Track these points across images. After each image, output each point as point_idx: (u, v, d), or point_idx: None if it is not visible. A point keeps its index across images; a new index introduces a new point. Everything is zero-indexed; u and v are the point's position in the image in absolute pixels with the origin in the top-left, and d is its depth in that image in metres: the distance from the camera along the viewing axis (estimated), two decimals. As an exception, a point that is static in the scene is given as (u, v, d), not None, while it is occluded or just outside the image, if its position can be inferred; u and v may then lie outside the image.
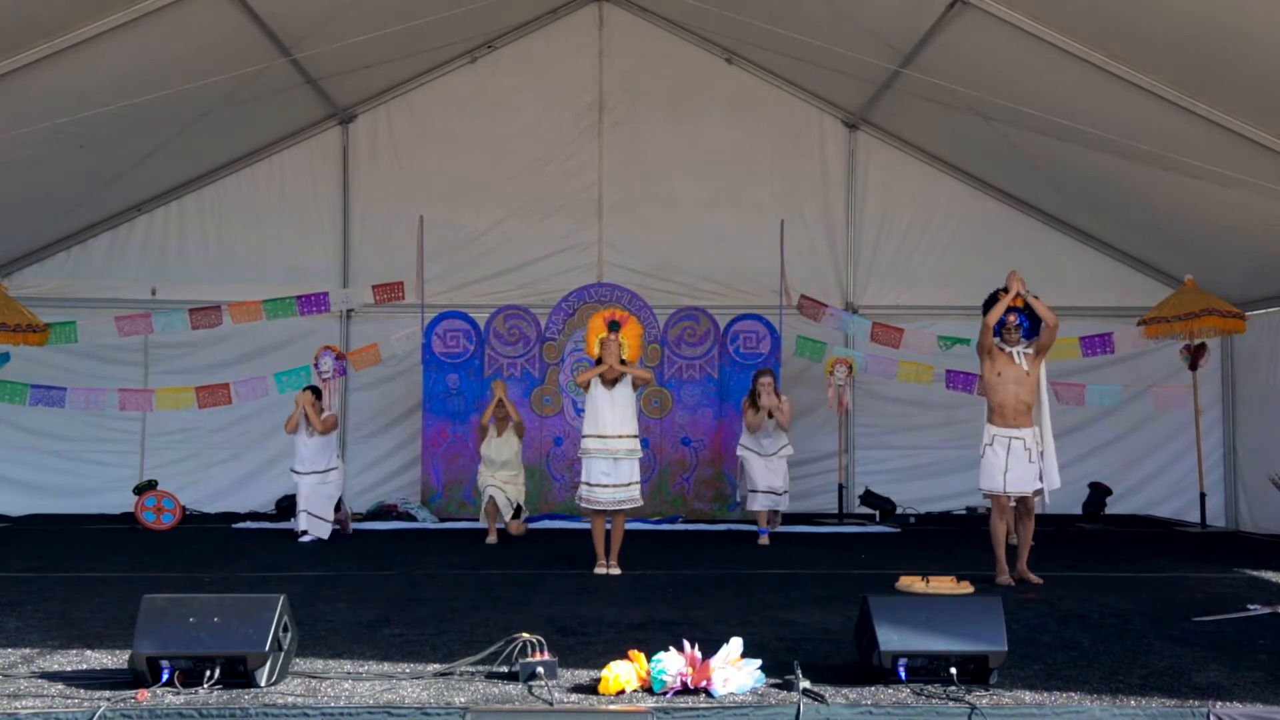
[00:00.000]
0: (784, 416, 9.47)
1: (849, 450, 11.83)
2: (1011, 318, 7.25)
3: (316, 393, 9.78)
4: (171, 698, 4.20)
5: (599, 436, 7.66)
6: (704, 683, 4.30)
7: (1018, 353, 7.25)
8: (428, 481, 11.11)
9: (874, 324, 11.22)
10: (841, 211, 12.16)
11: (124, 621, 5.44)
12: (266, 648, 4.34)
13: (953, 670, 4.42)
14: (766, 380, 9.41)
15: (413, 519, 10.80)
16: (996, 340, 7.27)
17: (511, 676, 4.54)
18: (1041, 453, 7.25)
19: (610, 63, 12.09)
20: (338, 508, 9.71)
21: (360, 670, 4.72)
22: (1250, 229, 9.59)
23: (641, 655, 4.47)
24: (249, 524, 10.61)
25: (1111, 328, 11.14)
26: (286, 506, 10.58)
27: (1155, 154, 8.77)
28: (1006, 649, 4.46)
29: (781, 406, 9.45)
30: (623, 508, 7.71)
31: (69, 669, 4.75)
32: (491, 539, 9.36)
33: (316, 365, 10.43)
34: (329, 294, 10.97)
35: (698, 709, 4.17)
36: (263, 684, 4.34)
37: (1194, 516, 11.02)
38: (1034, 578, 7.24)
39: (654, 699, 4.29)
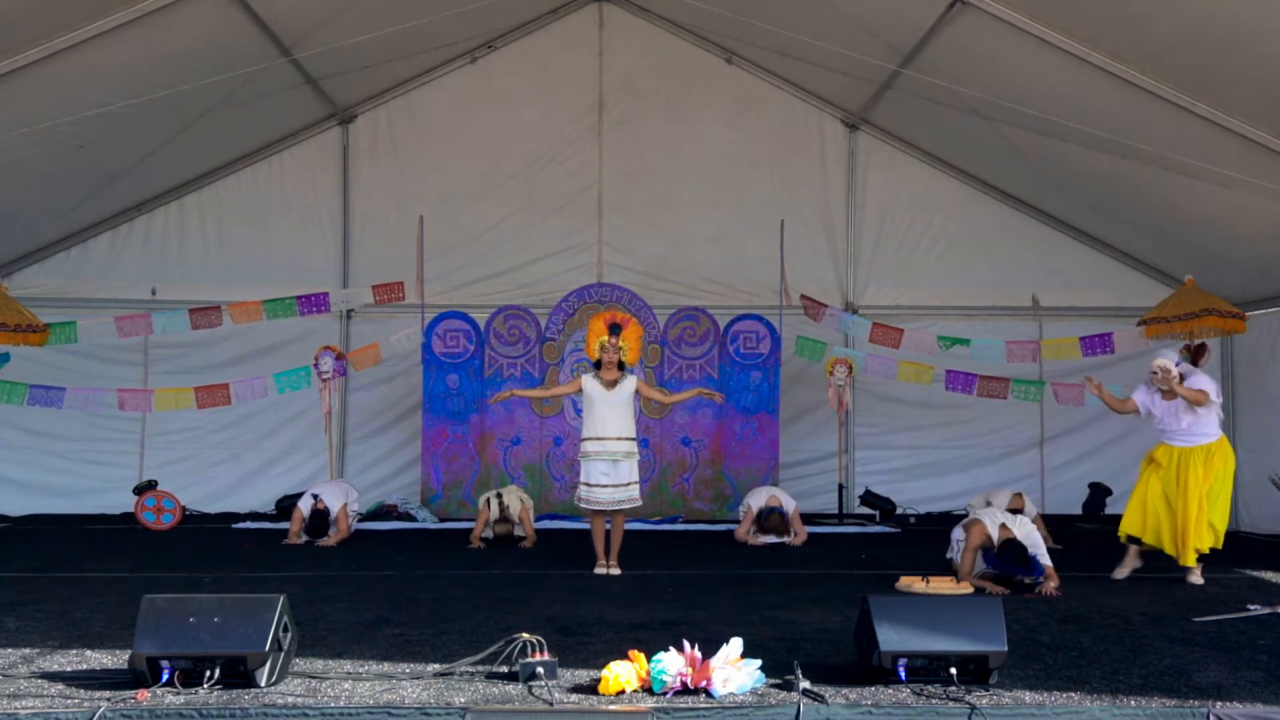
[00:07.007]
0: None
1: (849, 450, 11.83)
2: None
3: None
4: (171, 698, 4.20)
5: (598, 439, 7.66)
6: (704, 683, 4.30)
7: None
8: (428, 481, 11.11)
9: (874, 324, 11.21)
10: (841, 211, 12.16)
11: (124, 621, 5.44)
12: (266, 648, 4.34)
13: (953, 670, 4.41)
14: (775, 519, 9.36)
15: (413, 519, 10.80)
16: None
17: (511, 676, 4.53)
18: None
19: (610, 63, 12.08)
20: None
21: (360, 670, 4.71)
22: (1250, 229, 9.59)
23: (641, 655, 4.46)
24: (249, 524, 10.61)
25: (1111, 328, 11.13)
26: (287, 506, 10.57)
27: (1155, 154, 8.77)
28: (1006, 649, 4.46)
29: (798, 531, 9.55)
30: (622, 508, 7.71)
31: (69, 669, 4.75)
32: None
33: (316, 365, 10.44)
34: (329, 294, 10.95)
35: (698, 709, 4.16)
36: (263, 684, 4.34)
37: (1194, 516, 10.99)
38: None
39: (654, 699, 4.28)
